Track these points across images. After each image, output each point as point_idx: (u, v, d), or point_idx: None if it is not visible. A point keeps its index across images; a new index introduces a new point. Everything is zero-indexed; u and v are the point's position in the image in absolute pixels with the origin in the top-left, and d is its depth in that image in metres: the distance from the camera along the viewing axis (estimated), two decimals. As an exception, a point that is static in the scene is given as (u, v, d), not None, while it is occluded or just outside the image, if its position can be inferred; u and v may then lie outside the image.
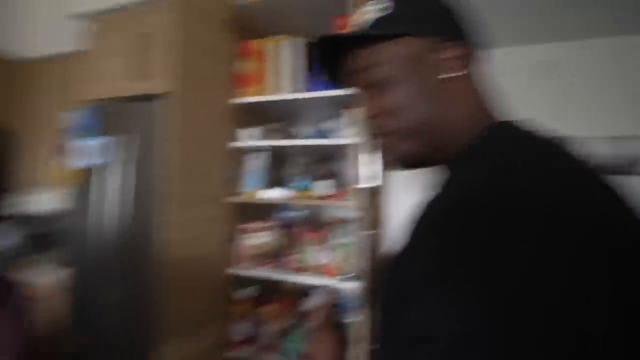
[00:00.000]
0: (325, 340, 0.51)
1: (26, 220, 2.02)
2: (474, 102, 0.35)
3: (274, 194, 1.24)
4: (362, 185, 1.09)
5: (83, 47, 1.56)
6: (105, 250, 1.29)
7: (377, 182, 1.14)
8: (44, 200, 2.34)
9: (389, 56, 0.35)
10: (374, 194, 1.16)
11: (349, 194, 1.13)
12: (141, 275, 1.26)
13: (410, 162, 0.38)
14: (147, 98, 1.42)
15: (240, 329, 1.25)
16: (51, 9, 2.07)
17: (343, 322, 0.60)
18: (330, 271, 1.12)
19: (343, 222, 1.23)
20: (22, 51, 2.11)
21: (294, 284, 1.26)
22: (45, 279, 1.44)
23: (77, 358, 1.28)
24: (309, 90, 1.16)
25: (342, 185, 1.25)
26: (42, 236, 1.95)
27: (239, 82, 1.27)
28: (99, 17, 1.58)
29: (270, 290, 1.50)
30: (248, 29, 1.35)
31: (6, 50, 2.05)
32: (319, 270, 1.14)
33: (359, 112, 0.41)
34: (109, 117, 1.36)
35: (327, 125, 1.26)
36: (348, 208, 1.09)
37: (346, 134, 1.13)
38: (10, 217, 2.08)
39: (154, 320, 1.17)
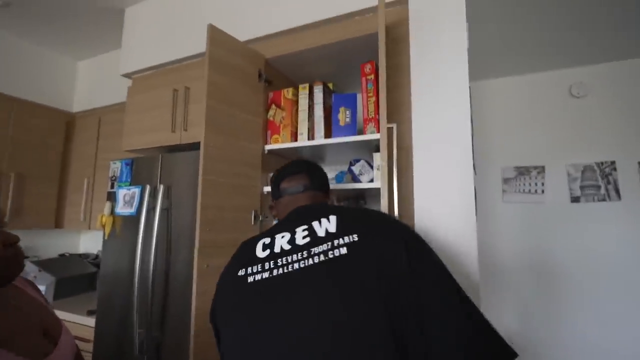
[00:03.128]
0: None
1: (65, 261, 2.14)
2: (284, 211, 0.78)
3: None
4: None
5: (127, 101, 1.70)
6: (137, 296, 1.33)
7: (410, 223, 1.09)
8: (87, 243, 2.50)
9: None
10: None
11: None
12: (172, 321, 1.28)
13: None
14: (184, 148, 1.50)
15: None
16: (100, 69, 2.31)
17: None
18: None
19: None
20: (77, 105, 2.34)
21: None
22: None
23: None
24: (336, 135, 1.17)
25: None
26: (76, 278, 2.02)
27: (270, 129, 1.32)
28: (142, 74, 1.72)
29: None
30: (278, 79, 1.41)
31: (63, 104, 2.29)
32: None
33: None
34: (148, 166, 1.45)
35: (357, 167, 1.25)
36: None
37: (376, 176, 1.12)
38: (62, 256, 2.24)
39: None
